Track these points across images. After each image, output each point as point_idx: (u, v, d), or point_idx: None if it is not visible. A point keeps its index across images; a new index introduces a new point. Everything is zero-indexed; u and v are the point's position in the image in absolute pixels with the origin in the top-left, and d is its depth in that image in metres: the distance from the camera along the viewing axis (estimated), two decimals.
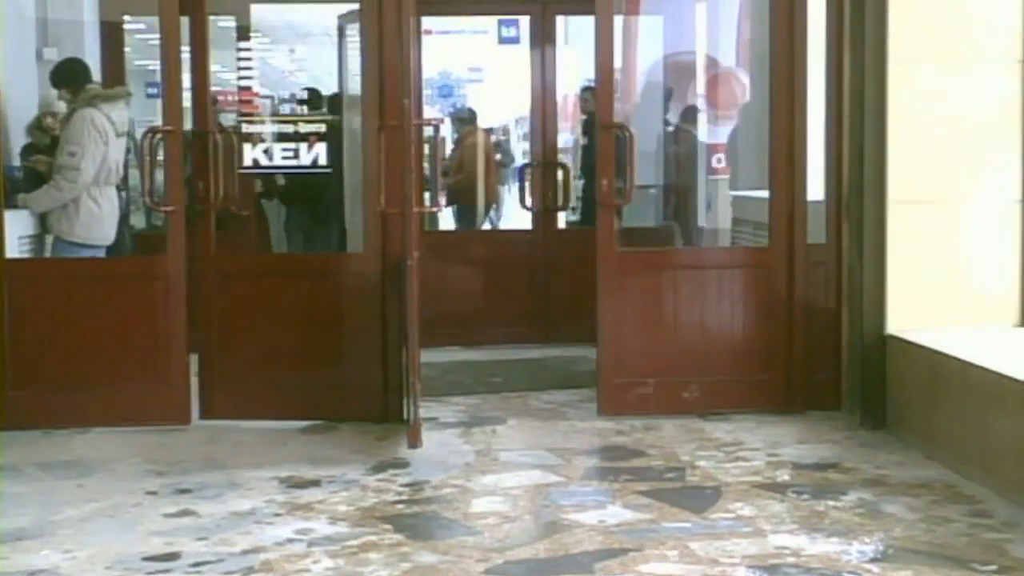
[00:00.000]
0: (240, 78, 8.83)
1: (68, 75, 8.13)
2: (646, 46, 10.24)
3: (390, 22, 6.99)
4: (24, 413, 6.98)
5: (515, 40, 13.31)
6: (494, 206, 13.75)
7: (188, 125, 7.27)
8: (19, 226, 7.58)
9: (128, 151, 8.33)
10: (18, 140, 8.40)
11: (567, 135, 12.75)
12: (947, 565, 4.71)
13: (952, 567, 4.69)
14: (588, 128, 10.72)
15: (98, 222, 7.83)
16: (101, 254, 7.91)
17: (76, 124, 7.69)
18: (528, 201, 10.02)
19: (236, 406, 7.14)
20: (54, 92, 8.41)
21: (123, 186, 8.23)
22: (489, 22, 14.12)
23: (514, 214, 12.28)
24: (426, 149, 8.51)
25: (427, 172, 8.15)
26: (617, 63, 7.69)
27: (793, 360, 7.30)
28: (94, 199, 7.77)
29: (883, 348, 6.83)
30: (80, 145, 7.64)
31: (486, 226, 13.25)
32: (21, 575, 4.74)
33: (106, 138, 7.75)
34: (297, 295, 7.24)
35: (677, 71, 10.25)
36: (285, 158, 7.67)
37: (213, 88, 7.61)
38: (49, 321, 7.12)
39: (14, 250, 7.41)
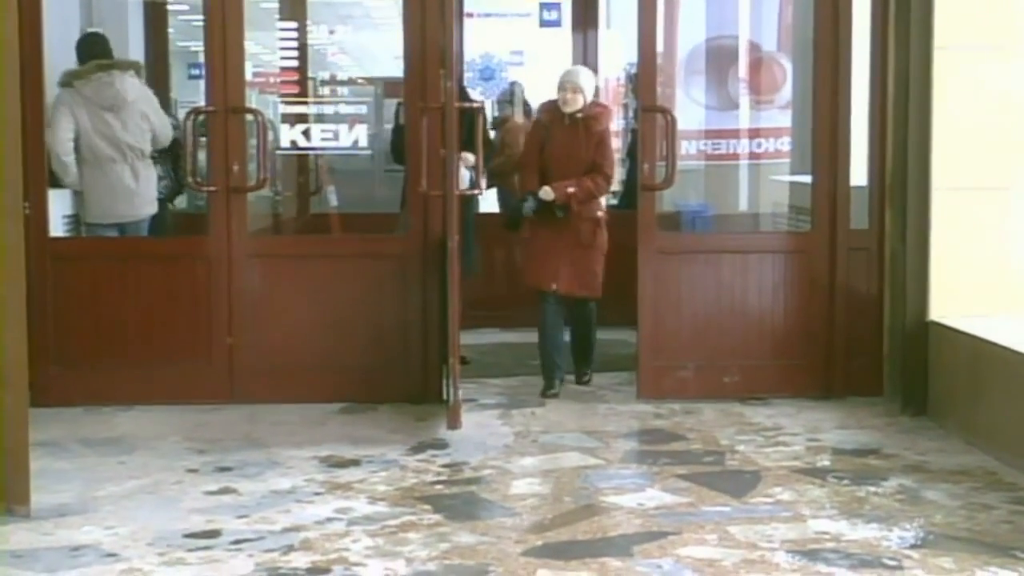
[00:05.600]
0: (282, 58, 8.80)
1: (78, 52, 8.04)
2: (688, 29, 10.17)
3: (432, 5, 7.00)
4: (67, 390, 7.06)
5: (556, 23, 13.29)
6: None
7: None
8: (62, 205, 7.61)
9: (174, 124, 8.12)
10: None
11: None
12: (987, 552, 4.69)
13: (992, 554, 4.66)
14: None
15: (95, 200, 7.61)
16: (113, 233, 7.64)
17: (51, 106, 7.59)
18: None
19: (274, 387, 7.16)
20: None
21: (135, 159, 7.69)
22: (531, 5, 14.10)
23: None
24: None
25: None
26: (659, 46, 7.65)
27: (834, 345, 7.27)
28: (91, 177, 7.59)
29: (925, 334, 6.79)
30: (50, 127, 7.50)
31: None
32: (64, 550, 4.78)
33: (74, 114, 7.53)
34: (336, 275, 7.25)
35: (718, 55, 10.18)
36: (324, 140, 7.66)
37: (255, 68, 7.57)
38: (92, 299, 7.18)
39: (58, 229, 7.46)
